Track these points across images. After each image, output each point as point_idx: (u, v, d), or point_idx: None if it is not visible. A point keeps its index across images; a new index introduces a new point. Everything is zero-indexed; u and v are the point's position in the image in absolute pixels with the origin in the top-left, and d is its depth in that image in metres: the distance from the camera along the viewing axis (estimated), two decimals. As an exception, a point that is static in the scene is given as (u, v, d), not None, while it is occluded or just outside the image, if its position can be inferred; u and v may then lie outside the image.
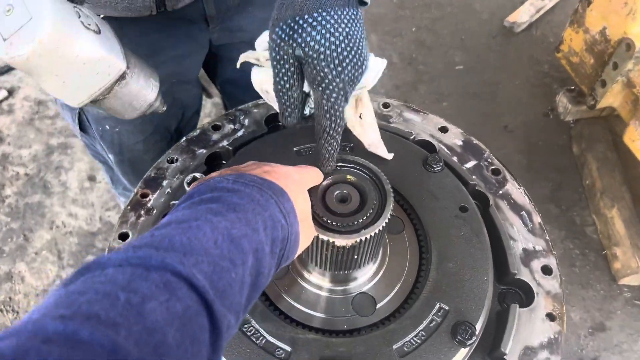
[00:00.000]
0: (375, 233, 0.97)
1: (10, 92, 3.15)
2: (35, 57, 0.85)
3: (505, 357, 1.14)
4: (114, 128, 1.60)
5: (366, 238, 0.96)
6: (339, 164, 1.05)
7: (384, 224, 0.97)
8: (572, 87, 2.94)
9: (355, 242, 0.96)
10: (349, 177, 1.04)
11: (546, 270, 1.27)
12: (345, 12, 0.92)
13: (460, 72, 3.37)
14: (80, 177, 2.86)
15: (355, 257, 1.01)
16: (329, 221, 0.97)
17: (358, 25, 0.93)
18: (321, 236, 0.96)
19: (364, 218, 0.98)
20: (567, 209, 2.86)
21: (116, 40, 0.99)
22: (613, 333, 2.50)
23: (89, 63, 0.92)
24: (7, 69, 3.22)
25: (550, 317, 1.20)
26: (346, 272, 1.08)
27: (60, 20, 0.84)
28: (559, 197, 2.90)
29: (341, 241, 0.96)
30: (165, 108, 1.19)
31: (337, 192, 1.02)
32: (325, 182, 1.02)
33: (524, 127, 3.16)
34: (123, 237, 1.28)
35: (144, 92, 1.09)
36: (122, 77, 1.01)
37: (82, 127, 1.64)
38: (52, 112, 3.10)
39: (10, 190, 2.81)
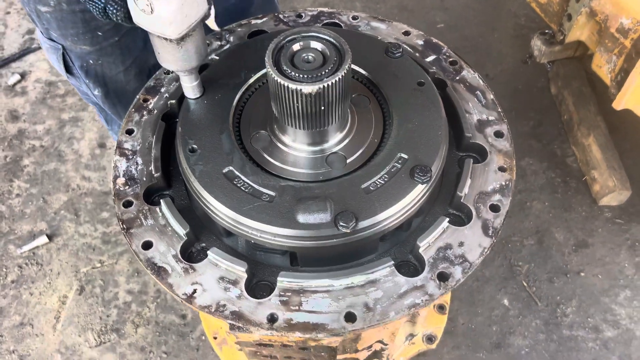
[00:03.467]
0: (334, 81, 1.15)
1: (23, 76, 3.39)
2: None
3: (462, 200, 1.33)
4: (97, 61, 1.78)
5: (328, 85, 1.15)
6: (306, 34, 1.23)
7: (342, 75, 1.16)
8: (546, 31, 3.10)
9: (319, 88, 1.15)
10: (312, 44, 1.23)
11: (498, 134, 1.45)
12: None
13: (441, 29, 3.56)
14: (91, 145, 3.07)
15: (322, 107, 1.20)
16: (296, 75, 1.16)
17: None
18: (291, 86, 1.15)
19: (326, 71, 1.17)
20: (548, 143, 3.03)
21: None
22: (595, 249, 2.65)
23: None
24: (18, 56, 3.46)
25: (502, 169, 1.39)
26: (318, 129, 1.26)
27: None
28: (540, 133, 3.07)
29: (307, 88, 1.14)
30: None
31: (303, 55, 1.21)
32: (292, 48, 1.21)
33: (504, 75, 3.34)
34: (129, 132, 1.48)
35: (203, 48, 1.29)
36: (203, 18, 1.23)
37: (67, 68, 1.82)
38: (62, 91, 3.32)
39: (28, 160, 3.03)
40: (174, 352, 2.42)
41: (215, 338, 2.08)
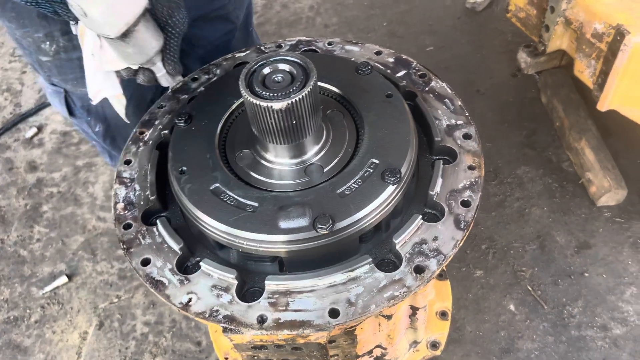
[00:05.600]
0: (302, 97, 1.27)
1: (40, 129, 3.61)
2: None
3: (434, 199, 1.42)
4: None
5: (296, 100, 1.27)
6: (275, 58, 1.37)
7: (309, 90, 1.28)
8: (530, 44, 3.22)
9: (288, 104, 1.27)
10: (280, 66, 1.36)
11: (466, 136, 1.55)
12: None
13: (431, 52, 3.70)
14: (104, 187, 3.24)
15: (294, 121, 1.31)
16: (267, 94, 1.29)
17: None
18: (262, 104, 1.27)
19: (293, 88, 1.29)
20: (543, 150, 3.09)
21: None
22: (598, 249, 2.68)
23: None
24: (35, 110, 3.69)
25: (471, 167, 1.48)
26: (294, 142, 1.38)
27: None
28: (534, 141, 3.14)
29: (277, 105, 1.27)
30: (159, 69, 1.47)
31: (273, 77, 1.34)
32: (263, 72, 1.34)
33: (495, 89, 3.44)
34: (127, 162, 1.61)
35: (156, 36, 1.37)
36: (145, 12, 1.29)
37: (69, 110, 1.99)
38: (76, 140, 3.53)
39: (47, 206, 3.21)
40: (190, 379, 2.50)
41: (226, 359, 2.16)
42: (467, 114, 1.61)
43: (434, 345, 2.12)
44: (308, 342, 1.31)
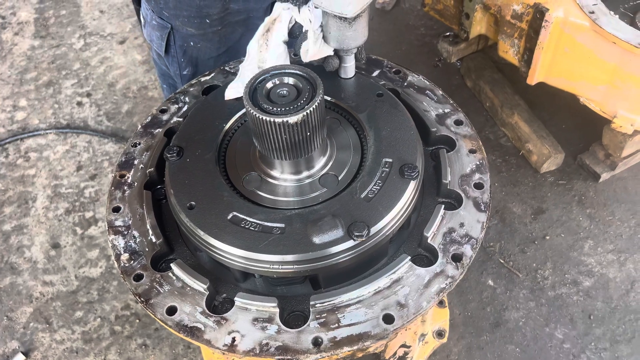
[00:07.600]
0: (314, 107, 1.23)
1: (-52, 199, 3.21)
2: None
3: (448, 187, 1.44)
4: (197, 44, 2.01)
5: (310, 112, 1.23)
6: (276, 71, 1.32)
7: (319, 100, 1.25)
8: (448, 33, 3.39)
9: (304, 116, 1.22)
10: (284, 79, 1.31)
11: (458, 122, 1.59)
12: None
13: (354, 54, 3.78)
14: (43, 248, 2.94)
15: (308, 133, 1.27)
16: (278, 109, 1.24)
17: None
18: (277, 120, 1.22)
19: (303, 100, 1.25)
20: (479, 130, 3.26)
21: None
22: (551, 212, 2.87)
23: None
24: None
25: (472, 151, 1.52)
26: (305, 155, 1.33)
27: None
28: (470, 124, 3.30)
29: (293, 118, 1.22)
30: None
31: (278, 90, 1.29)
32: (267, 86, 1.29)
33: (422, 81, 3.57)
34: (116, 210, 1.47)
35: (366, 29, 1.46)
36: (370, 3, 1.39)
37: (166, 48, 2.02)
38: (-4, 204, 3.18)
39: (-22, 284, 2.85)
40: None
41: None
42: (451, 102, 1.66)
43: (439, 334, 2.15)
44: (366, 354, 1.27)
